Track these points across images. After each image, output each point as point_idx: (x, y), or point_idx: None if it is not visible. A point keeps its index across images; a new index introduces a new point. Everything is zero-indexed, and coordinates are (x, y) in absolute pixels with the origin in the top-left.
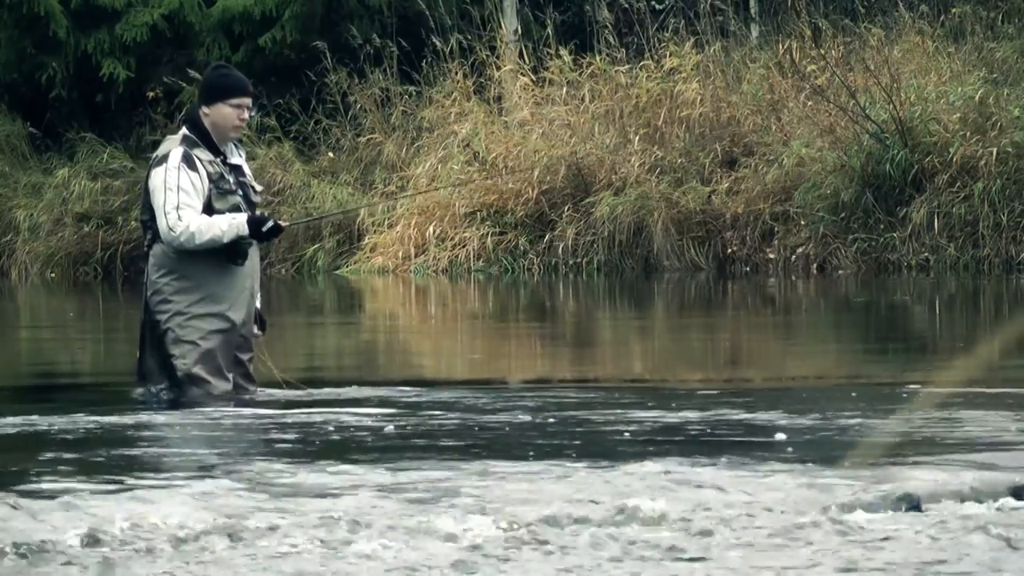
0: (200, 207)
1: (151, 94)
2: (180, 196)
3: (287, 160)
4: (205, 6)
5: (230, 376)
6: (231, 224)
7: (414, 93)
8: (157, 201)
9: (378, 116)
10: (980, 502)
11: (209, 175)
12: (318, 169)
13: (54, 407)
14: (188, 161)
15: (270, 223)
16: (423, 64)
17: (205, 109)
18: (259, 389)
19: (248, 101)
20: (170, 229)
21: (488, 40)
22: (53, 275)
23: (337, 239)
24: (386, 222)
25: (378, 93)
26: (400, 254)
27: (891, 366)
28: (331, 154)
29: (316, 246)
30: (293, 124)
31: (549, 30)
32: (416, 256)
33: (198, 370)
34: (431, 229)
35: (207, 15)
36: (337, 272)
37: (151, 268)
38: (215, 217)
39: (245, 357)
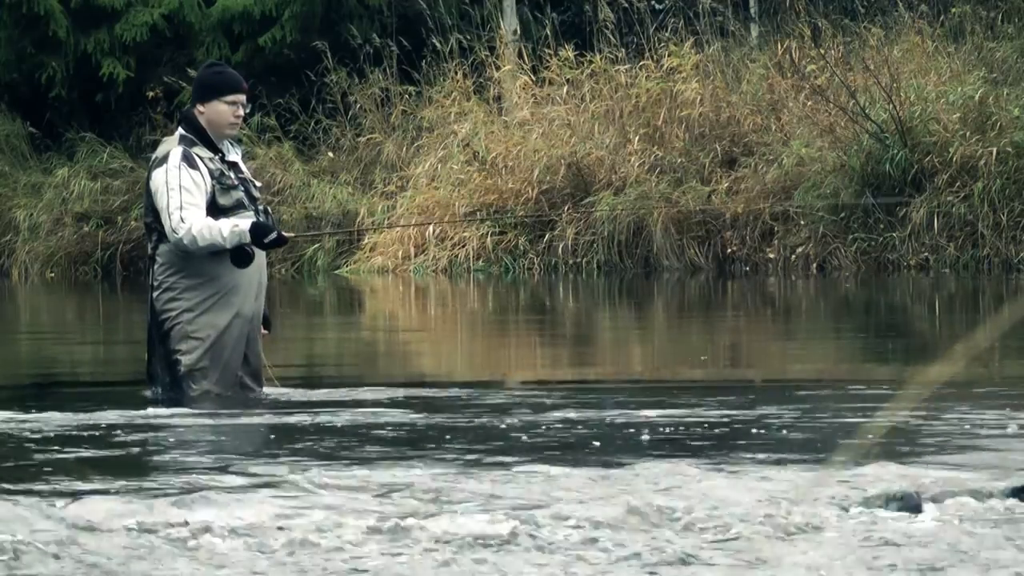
0: (204, 205)
1: (151, 94)
2: (183, 195)
3: (287, 160)
4: (205, 6)
5: (238, 374)
6: (232, 232)
7: (414, 93)
8: (160, 202)
9: (378, 116)
10: (980, 501)
11: (211, 172)
12: (318, 169)
13: (55, 407)
14: (188, 159)
15: (273, 235)
16: (423, 64)
17: (200, 107)
18: (264, 390)
19: (243, 98)
20: (173, 231)
21: (488, 40)
22: (52, 275)
23: (337, 239)
24: (386, 222)
25: (378, 93)
26: (400, 254)
27: (890, 364)
28: (331, 154)
29: (316, 246)
30: (293, 124)
31: (548, 30)
32: (416, 256)
33: (202, 367)
34: (431, 229)
35: (207, 15)
36: (337, 272)
37: (159, 268)
38: (220, 221)
39: (253, 355)
